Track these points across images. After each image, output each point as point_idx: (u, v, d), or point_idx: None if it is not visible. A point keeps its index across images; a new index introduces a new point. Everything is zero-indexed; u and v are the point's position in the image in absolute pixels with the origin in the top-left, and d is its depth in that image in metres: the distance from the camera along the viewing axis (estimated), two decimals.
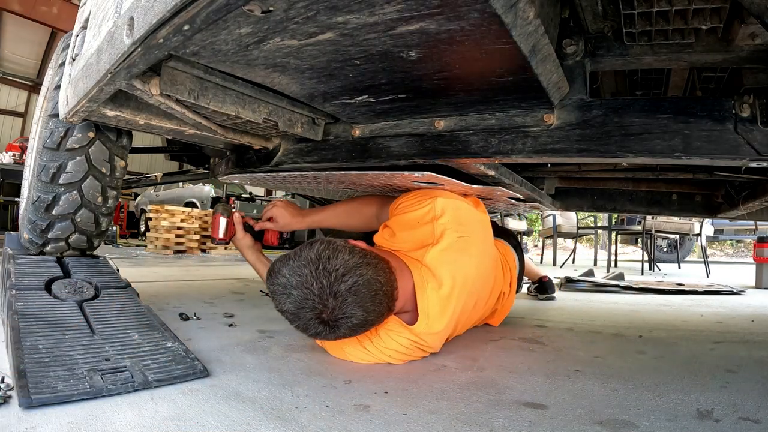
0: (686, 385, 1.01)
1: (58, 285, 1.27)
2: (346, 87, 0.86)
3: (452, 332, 1.30)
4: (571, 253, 7.11)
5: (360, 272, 0.98)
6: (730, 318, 2.01)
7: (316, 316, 0.97)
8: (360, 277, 0.97)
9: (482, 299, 1.37)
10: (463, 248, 1.16)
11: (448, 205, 1.18)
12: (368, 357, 1.13)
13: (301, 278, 0.96)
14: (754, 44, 0.74)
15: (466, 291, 1.16)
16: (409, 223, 1.21)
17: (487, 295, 1.38)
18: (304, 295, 0.96)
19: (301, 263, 0.98)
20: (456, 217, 1.17)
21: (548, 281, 2.46)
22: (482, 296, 1.34)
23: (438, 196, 1.19)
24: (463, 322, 1.32)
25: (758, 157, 0.76)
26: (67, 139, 1.35)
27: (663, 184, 1.80)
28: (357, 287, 0.97)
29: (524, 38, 0.62)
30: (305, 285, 0.96)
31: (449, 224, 1.15)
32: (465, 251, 1.16)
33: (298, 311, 0.98)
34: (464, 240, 1.16)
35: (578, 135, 0.86)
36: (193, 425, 0.73)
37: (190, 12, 0.52)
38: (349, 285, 0.96)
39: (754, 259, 3.72)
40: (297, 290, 0.96)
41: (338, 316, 0.97)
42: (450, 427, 0.76)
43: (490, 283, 1.37)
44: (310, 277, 0.96)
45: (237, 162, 1.48)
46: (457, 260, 1.14)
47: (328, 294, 0.95)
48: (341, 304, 0.96)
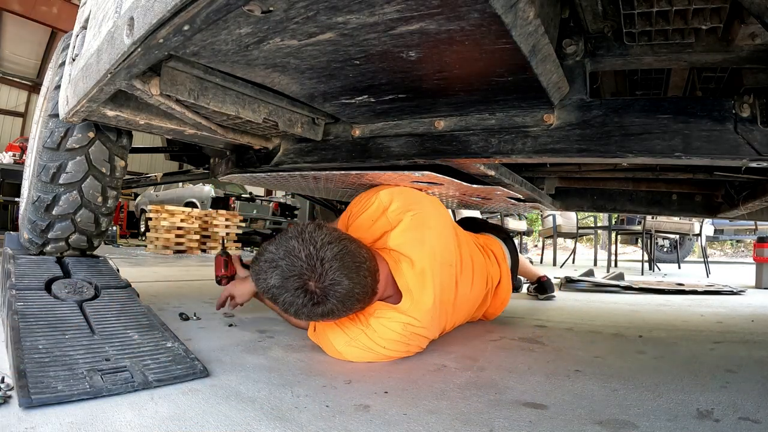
0: (686, 385, 1.01)
1: (58, 285, 1.27)
2: (346, 87, 0.86)
3: (448, 318, 1.30)
4: (571, 253, 7.11)
5: (344, 243, 1.02)
6: (730, 318, 2.01)
7: (302, 285, 0.98)
8: (344, 247, 1.01)
9: (463, 276, 1.34)
10: (420, 223, 1.21)
11: (392, 193, 1.25)
12: (366, 354, 1.12)
13: (288, 249, 0.99)
14: (754, 44, 0.74)
15: (437, 261, 1.20)
16: (365, 224, 1.27)
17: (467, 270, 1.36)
18: (292, 262, 0.97)
19: (287, 237, 1.02)
20: (403, 200, 1.24)
21: (547, 281, 2.46)
22: (460, 271, 1.32)
23: (380, 190, 1.27)
24: (455, 304, 1.31)
25: (758, 157, 0.76)
26: (67, 139, 1.35)
27: (663, 184, 1.80)
28: (342, 255, 1.00)
29: (524, 38, 0.62)
30: (293, 254, 0.98)
31: (399, 207, 1.23)
32: (423, 225, 1.21)
33: (284, 282, 0.98)
34: (418, 216, 1.22)
35: (578, 135, 0.86)
36: (193, 425, 0.73)
37: (190, 12, 0.52)
38: (335, 252, 0.99)
39: (754, 259, 3.72)
40: (284, 260, 0.98)
41: (325, 284, 0.98)
42: (450, 427, 0.76)
43: (464, 256, 1.36)
44: (298, 246, 0.99)
45: (237, 162, 1.48)
46: (418, 236, 1.19)
47: (315, 259, 0.97)
48: (328, 270, 0.97)
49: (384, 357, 1.13)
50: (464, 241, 1.43)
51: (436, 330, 1.22)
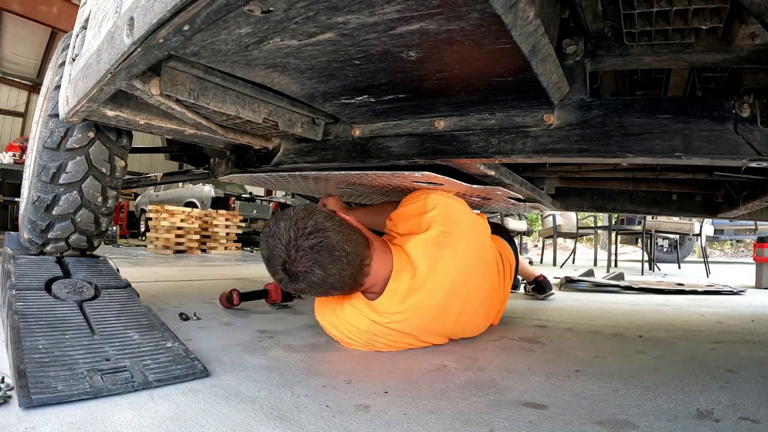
0: (686, 385, 1.01)
1: (58, 285, 1.27)
2: (346, 87, 0.86)
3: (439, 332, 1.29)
4: (571, 253, 7.11)
5: (326, 234, 1.07)
6: (730, 318, 2.01)
7: (281, 263, 1.07)
8: (324, 239, 1.07)
9: (475, 302, 1.33)
10: (444, 242, 1.20)
11: (439, 201, 1.24)
12: (333, 329, 1.24)
13: (278, 229, 1.08)
14: (754, 44, 0.74)
15: (444, 285, 1.20)
16: (405, 215, 1.29)
17: (481, 296, 1.35)
18: (275, 243, 1.07)
19: (283, 217, 1.11)
20: (445, 213, 1.23)
21: (544, 279, 2.45)
22: (473, 298, 1.31)
23: (433, 192, 1.26)
24: (453, 323, 1.30)
25: (758, 157, 0.76)
26: (67, 139, 1.35)
27: (663, 184, 1.80)
28: (319, 247, 1.06)
29: (524, 38, 0.62)
30: (278, 235, 1.07)
31: (437, 218, 1.21)
32: (447, 246, 1.20)
33: (270, 256, 1.09)
34: (447, 235, 1.21)
35: (578, 135, 0.86)
36: (193, 425, 0.73)
37: (190, 12, 0.52)
38: (312, 243, 1.06)
39: (754, 259, 3.72)
40: (272, 239, 1.08)
41: (298, 269, 1.06)
42: (450, 427, 0.76)
43: (482, 286, 1.35)
44: (284, 229, 1.07)
45: (237, 162, 1.48)
46: (436, 252, 1.19)
47: (291, 246, 1.06)
48: (301, 258, 1.05)
49: (347, 342, 1.23)
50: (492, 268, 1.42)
51: (405, 338, 1.23)
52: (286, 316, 1.66)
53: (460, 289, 1.24)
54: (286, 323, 1.55)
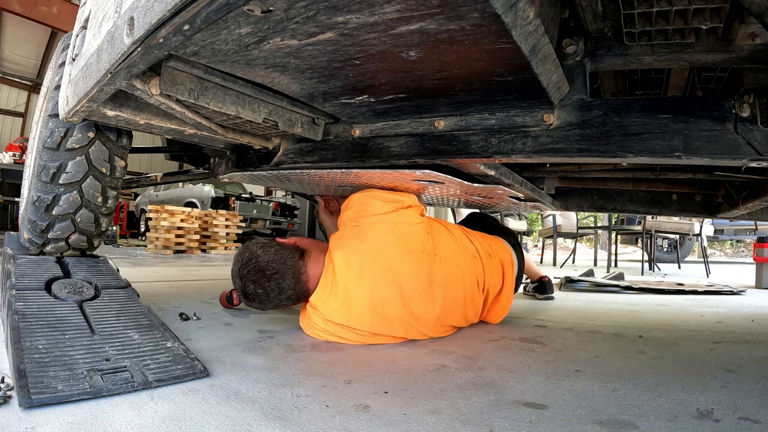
0: (686, 385, 1.01)
1: (58, 285, 1.27)
2: (346, 87, 0.86)
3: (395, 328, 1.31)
4: (571, 253, 7.11)
5: (257, 260, 1.28)
6: (730, 318, 2.01)
7: (241, 290, 1.30)
8: (255, 264, 1.28)
9: (418, 290, 1.33)
10: (355, 235, 1.33)
11: (357, 200, 1.39)
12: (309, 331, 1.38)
13: (233, 266, 1.33)
14: (754, 44, 0.74)
15: (365, 274, 1.29)
16: (340, 219, 1.46)
17: (424, 284, 1.35)
18: (234, 276, 1.32)
19: (236, 255, 1.34)
20: (358, 210, 1.37)
21: (547, 281, 2.46)
22: (411, 285, 1.32)
23: (358, 193, 1.41)
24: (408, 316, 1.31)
25: (758, 157, 0.76)
26: (67, 139, 1.35)
27: (663, 184, 1.80)
28: (253, 271, 1.27)
29: (524, 38, 0.62)
30: (233, 270, 1.32)
31: (351, 215, 1.38)
32: (357, 238, 1.32)
33: (235, 286, 1.32)
34: (358, 229, 1.34)
35: (578, 135, 0.86)
36: (193, 425, 0.73)
37: (190, 12, 0.52)
38: (249, 269, 1.28)
39: (754, 259, 3.72)
40: (232, 273, 1.33)
41: (248, 291, 1.29)
42: (450, 427, 0.76)
43: (420, 273, 1.34)
44: (234, 264, 1.32)
45: (237, 162, 1.48)
46: (349, 245, 1.32)
47: (237, 276, 1.30)
48: (246, 283, 1.28)
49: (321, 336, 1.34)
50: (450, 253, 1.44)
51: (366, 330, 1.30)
52: (286, 316, 1.66)
53: (387, 277, 1.29)
54: (286, 323, 1.55)
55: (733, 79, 0.99)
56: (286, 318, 1.64)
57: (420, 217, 1.43)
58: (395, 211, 1.37)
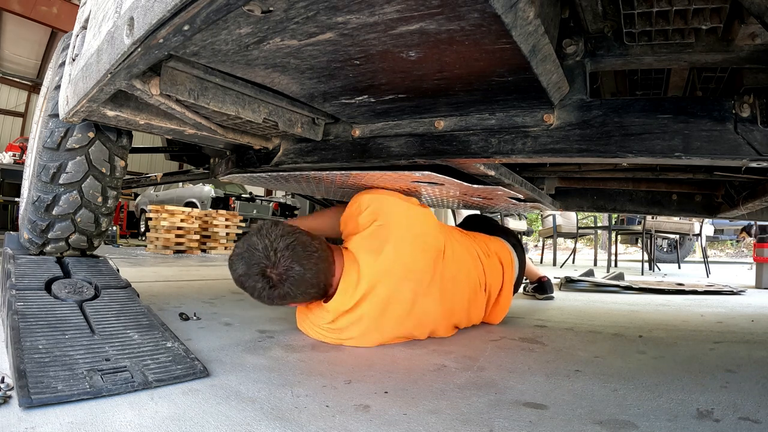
0: (686, 385, 1.01)
1: (58, 285, 1.27)
2: (346, 87, 0.86)
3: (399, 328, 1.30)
4: (571, 253, 7.11)
5: (296, 236, 1.18)
6: (730, 318, 2.01)
7: (261, 271, 1.14)
8: (296, 238, 1.17)
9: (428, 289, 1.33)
10: (381, 234, 1.28)
11: (372, 199, 1.33)
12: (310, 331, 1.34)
13: (250, 244, 1.16)
14: (754, 44, 0.74)
15: (390, 273, 1.25)
16: (346, 220, 1.40)
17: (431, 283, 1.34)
18: (252, 254, 1.15)
19: (249, 235, 1.20)
20: (376, 208, 1.32)
21: (547, 281, 2.46)
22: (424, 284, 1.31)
23: (365, 193, 1.36)
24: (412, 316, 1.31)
25: (758, 157, 0.76)
26: (67, 139, 1.35)
27: (663, 184, 1.80)
28: (293, 245, 1.16)
29: (524, 38, 0.62)
30: (253, 247, 1.15)
31: (370, 214, 1.31)
32: (384, 237, 1.27)
33: (248, 270, 1.15)
34: (382, 227, 1.29)
35: (578, 135, 0.86)
36: (193, 425, 0.73)
37: (190, 12, 0.52)
38: (287, 243, 1.15)
39: (754, 259, 3.72)
40: (247, 252, 1.16)
41: (280, 270, 1.14)
42: (450, 427, 0.76)
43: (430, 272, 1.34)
44: (256, 240, 1.16)
45: (237, 162, 1.48)
46: (375, 245, 1.27)
47: (269, 250, 1.14)
48: (281, 258, 1.14)
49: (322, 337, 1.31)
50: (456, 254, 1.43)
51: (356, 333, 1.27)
52: (286, 317, 1.66)
53: (406, 275, 1.28)
54: (286, 323, 1.55)
55: (733, 79, 0.99)
56: (286, 318, 1.64)
57: (433, 216, 1.42)
58: (410, 208, 1.36)
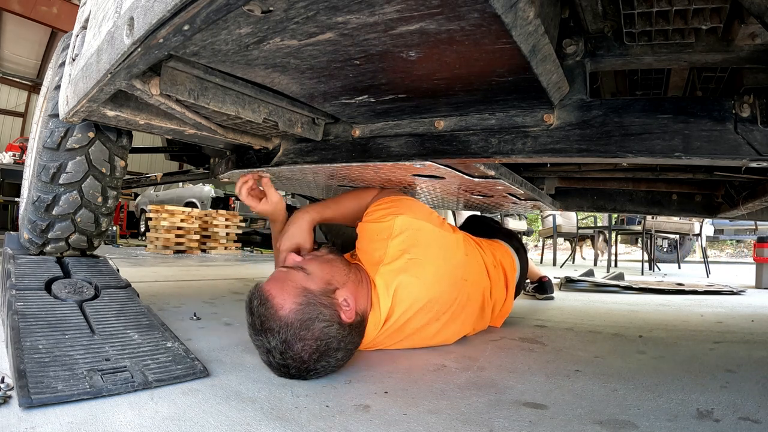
0: (686, 385, 1.01)
1: (58, 285, 1.27)
2: (346, 87, 0.86)
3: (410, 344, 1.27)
4: (571, 253, 7.11)
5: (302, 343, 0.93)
6: (730, 318, 2.01)
7: (280, 365, 0.95)
8: (299, 352, 0.93)
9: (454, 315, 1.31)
10: (410, 269, 1.15)
11: (406, 226, 1.18)
12: None
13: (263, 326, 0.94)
14: (754, 44, 0.74)
15: (412, 310, 1.18)
16: (369, 234, 1.23)
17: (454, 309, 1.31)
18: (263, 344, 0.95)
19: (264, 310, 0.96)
20: (411, 239, 1.18)
21: (547, 281, 2.46)
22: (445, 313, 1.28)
23: (400, 214, 1.19)
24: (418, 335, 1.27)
25: (758, 157, 0.76)
26: (67, 139, 1.35)
27: (663, 184, 1.80)
28: (324, 356, 0.95)
29: (524, 38, 0.62)
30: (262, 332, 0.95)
31: (403, 244, 1.16)
32: (413, 273, 1.16)
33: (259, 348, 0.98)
34: (414, 262, 1.16)
35: (578, 135, 0.86)
36: (193, 425, 0.73)
37: (190, 12, 0.52)
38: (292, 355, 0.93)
39: (754, 259, 3.72)
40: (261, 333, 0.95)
41: (303, 368, 0.95)
42: (450, 427, 0.76)
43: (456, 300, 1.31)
44: (264, 328, 0.94)
45: (237, 162, 1.48)
46: (403, 281, 1.14)
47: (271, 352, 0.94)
48: (293, 362, 0.94)
49: None
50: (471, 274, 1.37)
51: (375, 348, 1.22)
52: None
53: (434, 314, 1.23)
54: None
55: (733, 79, 0.99)
56: None
57: (461, 241, 1.36)
58: (444, 238, 1.27)
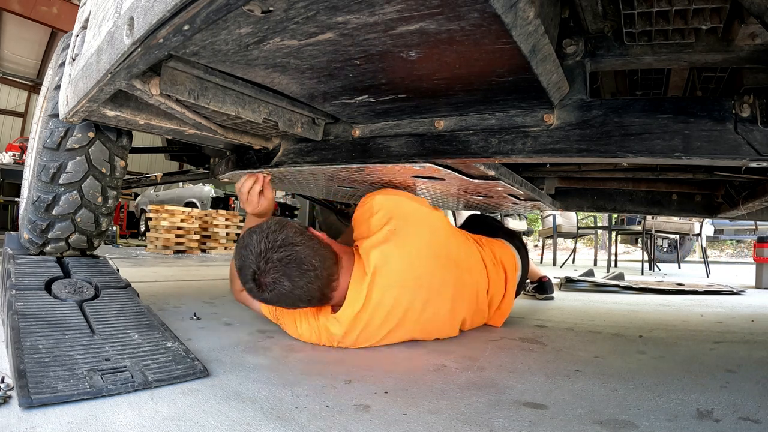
0: (686, 385, 1.01)
1: (58, 285, 1.27)
2: (346, 87, 0.86)
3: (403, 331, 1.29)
4: (571, 253, 7.11)
5: (296, 249, 1.11)
6: (730, 318, 2.01)
7: (251, 274, 1.10)
8: (293, 253, 1.10)
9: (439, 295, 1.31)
10: (392, 239, 1.22)
11: (385, 201, 1.27)
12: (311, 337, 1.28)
13: (251, 241, 1.12)
14: (754, 44, 0.74)
15: (399, 283, 1.21)
16: (357, 221, 1.33)
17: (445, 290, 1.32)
18: (247, 255, 1.11)
19: (256, 230, 1.14)
20: (390, 211, 1.26)
21: (547, 281, 2.46)
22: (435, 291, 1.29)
23: (377, 194, 1.29)
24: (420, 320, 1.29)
25: (758, 157, 0.76)
26: (67, 139, 1.35)
27: (663, 184, 1.80)
28: (288, 260, 1.09)
29: (524, 38, 0.62)
30: (250, 246, 1.11)
31: (382, 218, 1.25)
32: (394, 242, 1.22)
33: (241, 266, 1.13)
34: (394, 232, 1.23)
35: (578, 135, 0.86)
36: (193, 425, 0.73)
37: (190, 12, 0.52)
38: (281, 256, 1.09)
39: (754, 259, 3.72)
40: (245, 249, 1.12)
41: (266, 279, 1.09)
42: (450, 427, 0.76)
43: (445, 280, 1.32)
44: (256, 241, 1.11)
45: (237, 162, 1.48)
46: (385, 250, 1.21)
47: (261, 258, 1.09)
48: (270, 270, 1.09)
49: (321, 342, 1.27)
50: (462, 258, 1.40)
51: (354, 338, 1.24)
52: None
53: (417, 284, 1.25)
54: None
55: (733, 79, 0.99)
56: None
57: (446, 220, 1.39)
58: (428, 213, 1.31)
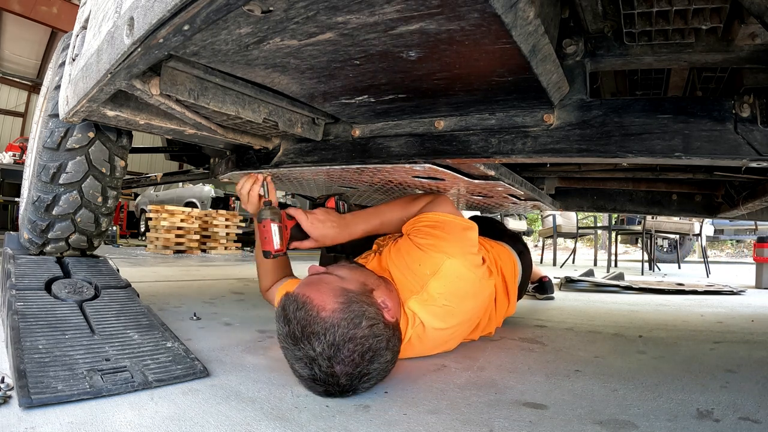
0: (686, 385, 1.01)
1: (58, 285, 1.27)
2: (346, 87, 0.86)
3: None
4: (571, 253, 7.11)
5: (353, 341, 0.86)
6: (730, 318, 2.01)
7: (312, 375, 0.86)
8: (349, 348, 0.86)
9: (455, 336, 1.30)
10: (441, 316, 1.14)
11: (452, 272, 1.13)
12: None
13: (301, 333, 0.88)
14: (754, 44, 0.74)
15: (427, 347, 1.19)
16: (411, 256, 1.17)
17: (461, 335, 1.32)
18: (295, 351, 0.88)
19: (311, 335, 0.87)
20: (452, 286, 1.14)
21: (548, 281, 2.46)
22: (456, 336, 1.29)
23: (452, 257, 1.14)
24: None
25: (758, 157, 0.76)
26: (67, 139, 1.35)
27: (663, 184, 1.80)
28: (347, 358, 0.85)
29: (524, 38, 0.62)
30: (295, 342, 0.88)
31: (442, 289, 1.12)
32: (442, 319, 1.14)
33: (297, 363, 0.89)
34: (448, 310, 1.14)
35: (578, 135, 0.86)
36: (193, 425, 0.73)
37: (190, 12, 0.52)
38: (343, 355, 0.85)
39: (754, 259, 3.72)
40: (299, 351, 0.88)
41: (339, 381, 0.86)
42: (450, 427, 0.76)
43: (464, 334, 1.32)
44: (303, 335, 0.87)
45: (237, 162, 1.48)
46: (431, 323, 1.12)
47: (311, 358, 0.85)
48: (335, 367, 0.85)
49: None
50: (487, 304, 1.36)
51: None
52: None
53: (445, 344, 1.24)
54: None
55: (733, 79, 0.99)
56: None
57: (492, 287, 1.34)
58: (482, 283, 1.24)
